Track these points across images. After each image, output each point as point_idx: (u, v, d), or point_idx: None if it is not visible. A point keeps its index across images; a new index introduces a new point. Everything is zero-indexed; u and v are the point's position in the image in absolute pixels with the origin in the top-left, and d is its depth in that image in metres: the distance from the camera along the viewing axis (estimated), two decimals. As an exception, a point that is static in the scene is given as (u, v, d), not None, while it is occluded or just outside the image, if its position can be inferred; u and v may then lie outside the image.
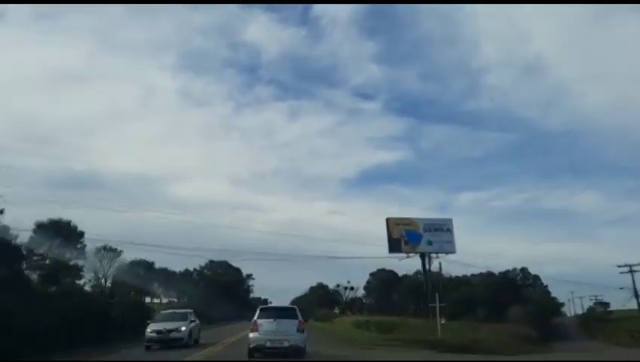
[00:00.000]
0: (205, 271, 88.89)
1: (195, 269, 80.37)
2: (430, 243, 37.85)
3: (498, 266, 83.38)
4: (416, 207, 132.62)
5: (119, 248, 56.49)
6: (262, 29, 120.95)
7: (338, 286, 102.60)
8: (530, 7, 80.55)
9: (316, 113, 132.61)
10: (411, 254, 38.19)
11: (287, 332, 16.79)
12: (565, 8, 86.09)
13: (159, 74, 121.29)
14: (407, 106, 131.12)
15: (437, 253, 38.19)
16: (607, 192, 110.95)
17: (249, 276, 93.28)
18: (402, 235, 37.72)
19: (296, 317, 17.67)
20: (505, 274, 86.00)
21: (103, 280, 56.43)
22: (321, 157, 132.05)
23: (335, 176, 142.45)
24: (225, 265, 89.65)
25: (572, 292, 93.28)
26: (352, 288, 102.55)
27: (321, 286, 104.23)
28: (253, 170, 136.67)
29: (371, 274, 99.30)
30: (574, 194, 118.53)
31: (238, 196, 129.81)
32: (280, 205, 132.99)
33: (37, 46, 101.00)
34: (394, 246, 37.39)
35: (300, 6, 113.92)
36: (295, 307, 19.88)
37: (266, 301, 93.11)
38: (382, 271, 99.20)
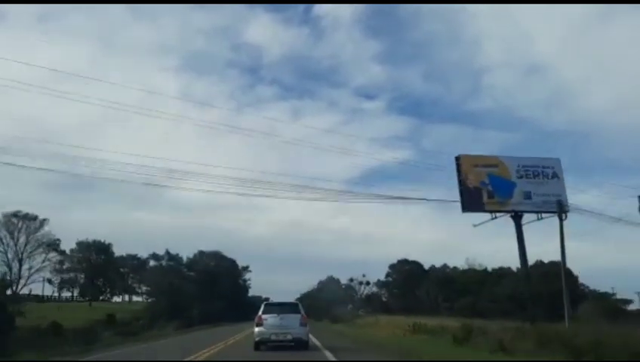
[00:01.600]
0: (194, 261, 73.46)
1: (176, 259, 64.84)
2: (528, 195, 22.93)
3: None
4: (419, 207, 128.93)
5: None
6: (264, 30, 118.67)
7: (352, 280, 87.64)
8: (533, 7, 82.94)
9: (319, 113, 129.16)
10: (500, 214, 23.05)
11: (290, 326, 17.76)
12: (568, 8, 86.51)
13: (162, 75, 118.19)
14: (410, 106, 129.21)
15: (540, 212, 23.05)
16: (611, 191, 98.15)
17: (245, 268, 78.59)
18: (484, 183, 22.78)
19: (298, 312, 18.53)
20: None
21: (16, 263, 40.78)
22: (324, 157, 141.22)
23: (338, 175, 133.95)
24: (218, 256, 74.69)
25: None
26: (367, 283, 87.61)
27: (331, 280, 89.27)
28: (255, 170, 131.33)
29: (391, 267, 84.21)
30: (577, 194, 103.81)
31: (239, 196, 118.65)
32: (282, 205, 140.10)
33: (39, 47, 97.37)
34: (471, 200, 22.56)
35: (302, 6, 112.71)
36: (298, 302, 20.65)
37: (267, 299, 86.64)
38: (404, 262, 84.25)
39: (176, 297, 44.50)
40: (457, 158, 23.31)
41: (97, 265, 49.59)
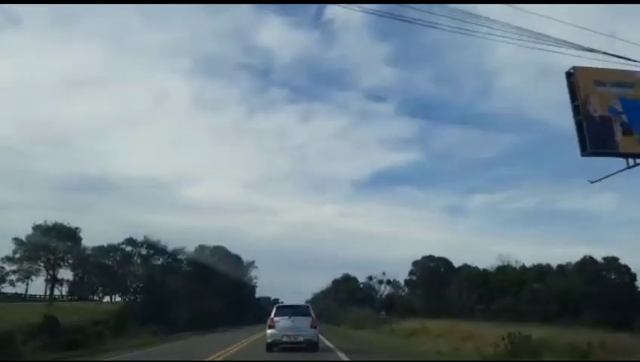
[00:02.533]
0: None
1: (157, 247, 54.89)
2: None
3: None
4: (428, 209, 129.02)
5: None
6: (275, 33, 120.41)
7: (371, 278, 78.81)
8: (543, 9, 66.72)
9: (328, 115, 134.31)
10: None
11: (301, 328, 18.69)
12: (580, 8, 74.28)
13: (173, 77, 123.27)
14: (419, 108, 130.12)
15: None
16: (623, 193, 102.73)
17: (251, 264, 70.25)
18: (615, 110, 14.05)
19: (309, 315, 19.59)
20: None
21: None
22: (333, 159, 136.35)
23: (347, 177, 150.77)
24: (221, 251, 66.38)
25: None
26: (388, 281, 78.74)
27: (347, 279, 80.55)
28: (265, 173, 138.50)
29: (415, 264, 75.22)
30: (589, 196, 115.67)
31: (250, 198, 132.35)
32: (292, 207, 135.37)
33: (52, 50, 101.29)
34: (598, 133, 13.78)
35: (313, 9, 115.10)
36: (308, 305, 23.26)
37: (277, 301, 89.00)
38: (429, 258, 75.29)
39: (156, 295, 36.09)
40: (570, 74, 14.50)
41: (59, 255, 41.21)
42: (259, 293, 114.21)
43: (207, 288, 51.34)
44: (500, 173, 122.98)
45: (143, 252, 42.92)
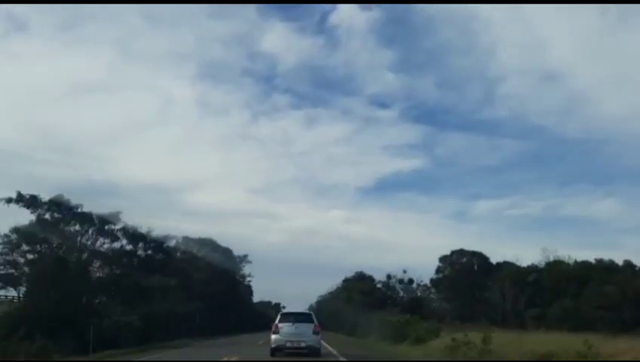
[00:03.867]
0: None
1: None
2: None
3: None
4: (433, 215, 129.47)
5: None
6: (279, 39, 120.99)
7: (390, 277, 66.29)
8: (547, 14, 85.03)
9: (333, 121, 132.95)
10: None
11: (304, 335, 19.75)
12: (584, 13, 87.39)
13: (178, 83, 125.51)
14: (423, 114, 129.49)
15: None
16: (627, 199, 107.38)
17: (243, 259, 58.47)
18: None
19: (312, 322, 20.54)
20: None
21: None
22: (338, 166, 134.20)
23: (351, 184, 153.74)
24: (208, 244, 54.62)
25: None
26: (410, 281, 66.12)
27: (361, 278, 68.18)
28: (269, 179, 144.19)
29: (443, 260, 62.53)
30: (593, 202, 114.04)
31: (254, 204, 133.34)
32: (296, 213, 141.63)
33: (59, 57, 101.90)
34: None
35: (317, 15, 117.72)
36: (311, 312, 23.67)
37: (278, 306, 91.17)
38: (460, 253, 62.58)
39: (64, 290, 23.99)
40: None
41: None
42: (258, 298, 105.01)
43: (209, 291, 40.41)
44: (505, 179, 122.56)
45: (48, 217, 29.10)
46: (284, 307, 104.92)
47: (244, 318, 63.69)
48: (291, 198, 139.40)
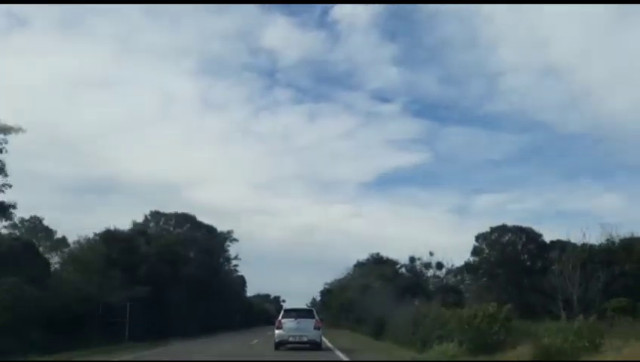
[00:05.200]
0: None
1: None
2: None
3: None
4: (435, 210, 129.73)
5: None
6: (281, 33, 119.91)
7: (414, 260, 54.50)
8: (549, 8, 79.34)
9: (334, 116, 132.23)
10: None
11: (306, 330, 21.05)
12: (586, 8, 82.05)
13: (179, 78, 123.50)
14: (425, 109, 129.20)
15: None
16: (629, 194, 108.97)
17: (228, 236, 47.16)
18: None
19: (313, 317, 22.07)
20: None
21: None
22: (339, 161, 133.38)
23: (353, 179, 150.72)
24: (183, 219, 42.96)
25: None
26: (440, 265, 54.38)
27: (378, 261, 56.45)
28: (270, 174, 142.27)
29: (481, 237, 50.48)
30: (595, 197, 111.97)
31: (256, 200, 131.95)
32: (297, 209, 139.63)
33: (60, 52, 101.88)
34: None
35: (318, 9, 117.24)
36: (312, 308, 26.66)
37: (277, 299, 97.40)
38: (502, 229, 50.60)
39: None
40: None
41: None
42: (255, 290, 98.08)
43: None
44: (506, 174, 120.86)
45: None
46: (284, 301, 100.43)
47: (232, 312, 52.92)
48: (293, 193, 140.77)
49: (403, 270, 54.04)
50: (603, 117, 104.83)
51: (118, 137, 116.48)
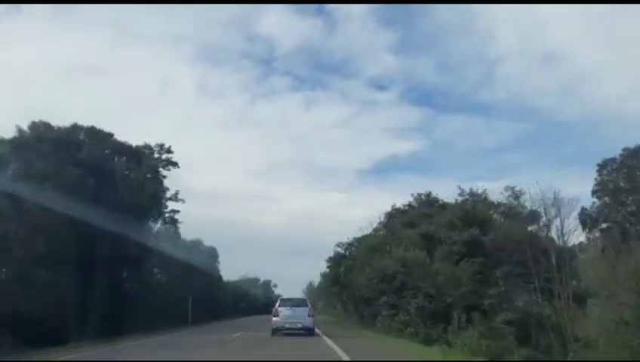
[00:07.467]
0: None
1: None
2: None
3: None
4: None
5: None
6: (278, 21, 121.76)
7: (474, 195, 35.64)
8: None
9: (331, 104, 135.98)
10: None
11: (300, 317, 23.03)
12: None
13: (176, 65, 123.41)
14: (422, 97, 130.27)
15: None
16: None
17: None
18: None
19: (307, 306, 24.17)
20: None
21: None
22: (336, 148, 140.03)
23: (350, 166, 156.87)
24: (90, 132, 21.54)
25: None
26: (517, 196, 35.32)
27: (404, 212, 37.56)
28: (267, 161, 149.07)
29: (601, 168, 31.13)
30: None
31: (253, 186, 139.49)
32: (294, 196, 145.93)
33: (56, 38, 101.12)
34: None
35: None
36: (306, 298, 29.68)
37: (268, 283, 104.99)
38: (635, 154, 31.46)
39: None
40: None
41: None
42: (241, 273, 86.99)
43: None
44: (503, 161, 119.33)
45: None
46: (275, 286, 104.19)
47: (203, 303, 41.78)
48: (289, 181, 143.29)
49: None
50: (600, 103, 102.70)
51: (115, 123, 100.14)
